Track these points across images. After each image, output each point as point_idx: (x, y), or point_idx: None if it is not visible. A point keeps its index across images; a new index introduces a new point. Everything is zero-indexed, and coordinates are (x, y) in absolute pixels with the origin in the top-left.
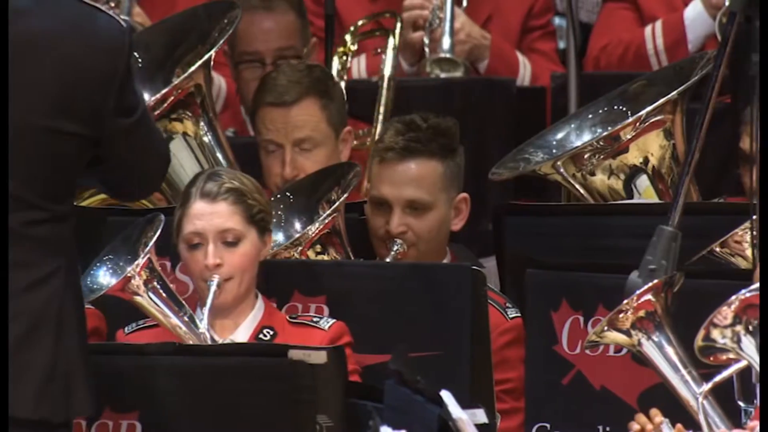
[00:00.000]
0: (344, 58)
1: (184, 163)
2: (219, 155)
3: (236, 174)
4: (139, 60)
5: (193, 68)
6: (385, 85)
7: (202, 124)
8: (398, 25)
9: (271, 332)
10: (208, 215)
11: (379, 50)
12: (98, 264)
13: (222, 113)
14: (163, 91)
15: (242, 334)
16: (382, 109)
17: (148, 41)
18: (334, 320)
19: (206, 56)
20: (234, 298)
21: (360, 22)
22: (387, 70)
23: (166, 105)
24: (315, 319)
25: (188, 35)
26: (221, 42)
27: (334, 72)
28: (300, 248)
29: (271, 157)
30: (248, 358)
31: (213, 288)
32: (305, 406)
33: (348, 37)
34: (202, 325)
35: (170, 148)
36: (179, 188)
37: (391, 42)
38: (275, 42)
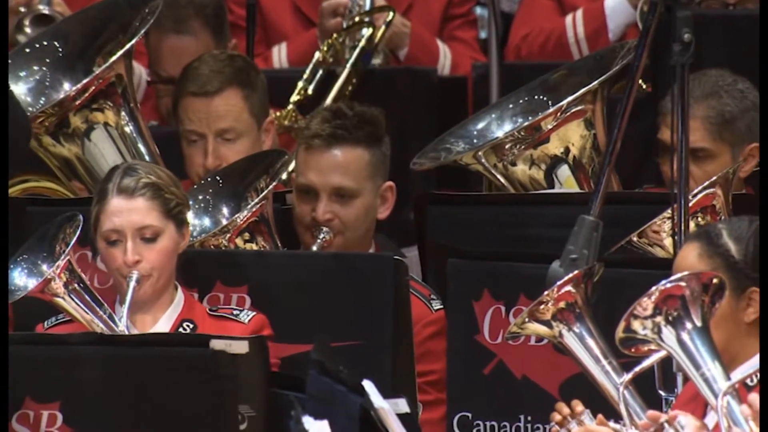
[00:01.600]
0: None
1: (105, 153)
2: (141, 146)
3: (153, 167)
4: (59, 50)
5: (114, 58)
6: (345, 74)
7: (123, 114)
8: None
9: (191, 325)
10: (126, 212)
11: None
12: (13, 264)
13: (144, 103)
14: (84, 81)
15: (162, 327)
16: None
17: (68, 31)
18: (254, 313)
19: (127, 46)
20: (153, 293)
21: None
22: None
23: (87, 95)
24: (235, 312)
25: (109, 25)
26: (142, 32)
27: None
28: (228, 236)
29: (193, 147)
30: (170, 348)
31: (132, 284)
32: (227, 396)
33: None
34: (122, 323)
35: (92, 138)
36: (100, 178)
37: (366, 32)
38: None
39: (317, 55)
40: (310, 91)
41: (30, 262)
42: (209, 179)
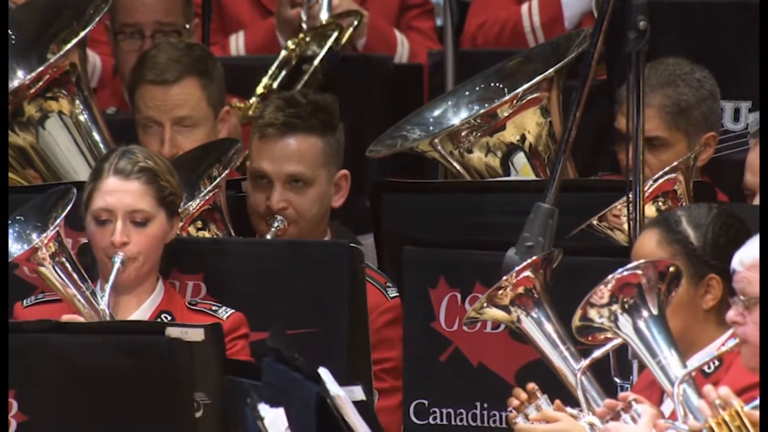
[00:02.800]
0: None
1: (59, 141)
2: (95, 134)
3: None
4: (13, 38)
5: (68, 46)
6: (316, 62)
7: (77, 102)
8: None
9: (170, 317)
10: (119, 192)
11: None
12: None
13: (101, 91)
14: (39, 70)
15: (140, 315)
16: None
17: (22, 19)
18: (233, 311)
19: (82, 34)
20: (136, 278)
21: None
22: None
23: (41, 83)
24: (214, 308)
25: (62, 12)
26: (97, 20)
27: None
28: (181, 224)
29: (150, 134)
30: (126, 335)
31: (117, 265)
32: (183, 384)
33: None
34: (103, 302)
35: (46, 126)
36: (55, 167)
37: (334, 34)
38: (155, 14)
39: (283, 52)
40: (275, 86)
41: (21, 228)
42: None
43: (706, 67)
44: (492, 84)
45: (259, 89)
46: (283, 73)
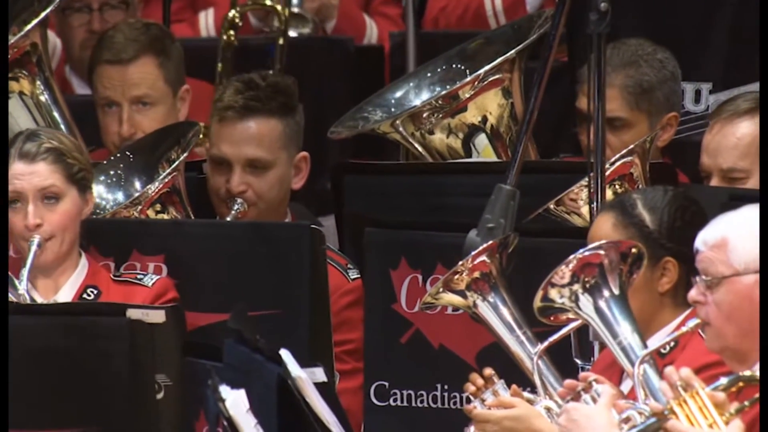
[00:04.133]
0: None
1: (20, 122)
2: (56, 114)
3: (55, 133)
4: None
5: (29, 27)
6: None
7: (38, 83)
8: None
9: (96, 291)
10: (27, 175)
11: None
12: None
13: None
14: None
15: (66, 293)
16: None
17: None
18: (158, 276)
19: (42, 15)
20: (55, 258)
21: None
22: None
23: None
24: (139, 276)
25: None
26: (57, 0)
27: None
28: (139, 207)
29: (109, 115)
30: (87, 317)
31: (34, 248)
32: (144, 366)
33: None
34: (21, 287)
35: (7, 107)
36: None
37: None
38: None
39: (224, 37)
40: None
41: None
42: (119, 154)
43: (668, 49)
44: (453, 65)
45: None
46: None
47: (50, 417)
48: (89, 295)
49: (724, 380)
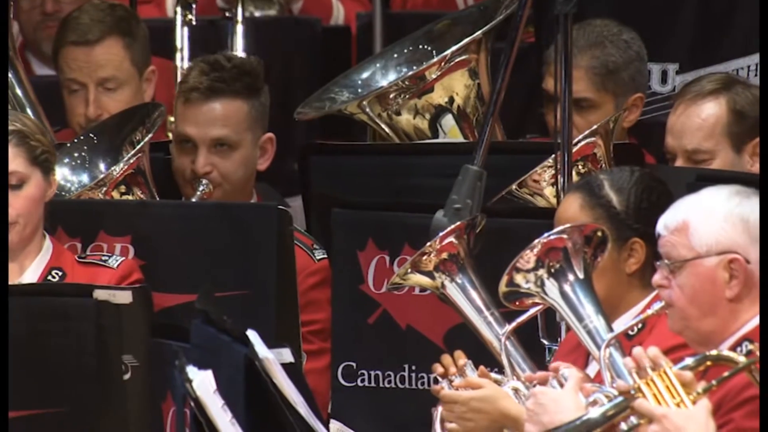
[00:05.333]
0: None
1: None
2: (18, 91)
3: (18, 115)
4: None
5: None
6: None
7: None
8: None
9: (60, 273)
10: None
11: None
12: None
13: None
14: None
15: (30, 276)
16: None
17: None
18: (123, 258)
19: None
20: (20, 241)
21: None
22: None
23: None
24: (104, 258)
25: None
26: None
27: None
28: (104, 189)
29: (74, 96)
30: (53, 298)
31: None
32: (110, 347)
33: None
34: None
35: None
36: None
37: None
38: None
39: (179, 19)
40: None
41: None
42: (83, 136)
43: (634, 29)
44: (420, 46)
45: None
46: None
47: (17, 398)
48: (54, 277)
49: (690, 360)
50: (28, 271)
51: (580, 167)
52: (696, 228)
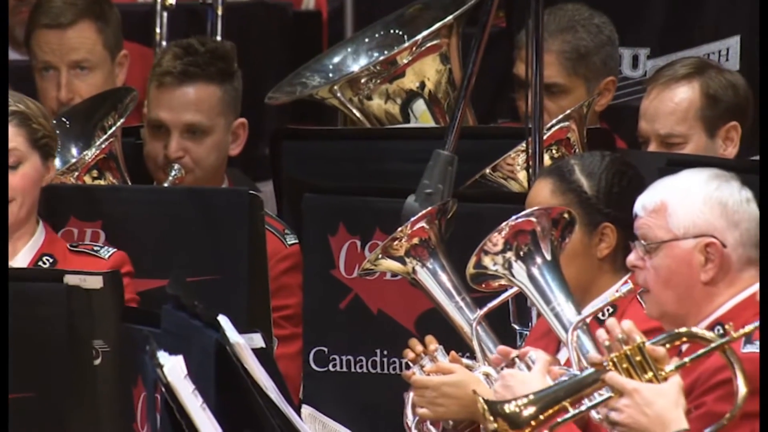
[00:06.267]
0: None
1: None
2: None
3: (22, 98)
4: None
5: None
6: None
7: None
8: None
9: (51, 260)
10: None
11: None
12: None
13: None
14: None
15: (21, 260)
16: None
17: None
18: (114, 250)
19: None
20: (14, 222)
21: None
22: None
23: None
24: (96, 248)
25: None
26: None
27: None
28: (76, 173)
29: (47, 80)
30: (24, 282)
31: None
32: (81, 331)
33: None
34: None
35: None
36: None
37: None
38: None
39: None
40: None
41: None
42: (55, 121)
43: (605, 14)
44: (391, 31)
45: None
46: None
47: None
48: (45, 263)
49: (663, 335)
50: (19, 255)
51: (553, 152)
52: (674, 210)
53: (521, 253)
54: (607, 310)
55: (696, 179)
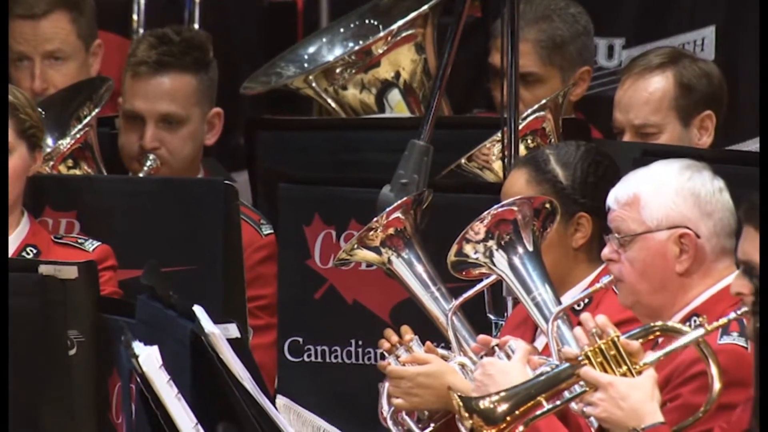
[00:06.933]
0: None
1: None
2: None
3: (11, 88)
4: None
5: None
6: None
7: None
8: None
9: (35, 250)
10: None
11: None
12: None
13: None
14: None
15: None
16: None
17: None
18: (99, 243)
19: None
20: None
21: None
22: None
23: None
24: (80, 241)
25: None
26: None
27: None
28: (51, 163)
29: (21, 70)
30: None
31: None
32: (56, 322)
33: None
34: None
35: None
36: None
37: None
38: None
39: None
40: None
41: None
42: None
43: (580, 4)
44: (367, 21)
45: None
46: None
47: None
48: (29, 254)
49: (638, 329)
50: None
51: (529, 141)
52: (647, 202)
53: (502, 242)
54: (583, 300)
55: (668, 171)
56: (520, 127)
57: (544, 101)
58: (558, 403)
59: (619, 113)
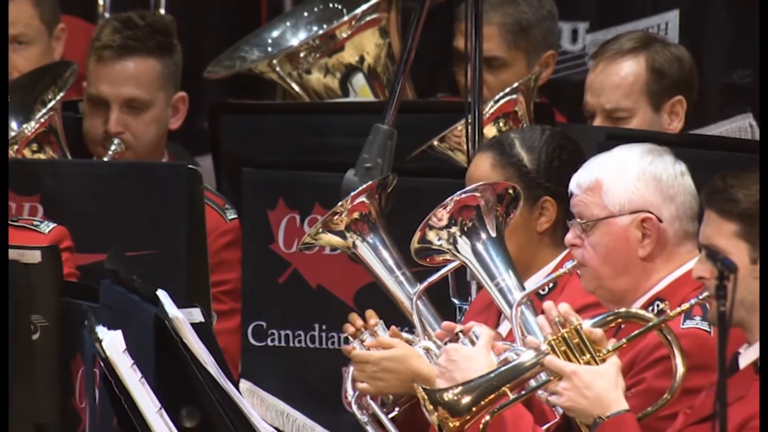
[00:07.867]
0: None
1: None
2: None
3: None
4: None
5: None
6: None
7: None
8: None
9: None
10: None
11: None
12: None
13: None
14: None
15: None
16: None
17: None
18: (54, 225)
19: None
20: None
21: None
22: None
23: None
24: (35, 223)
25: None
26: None
27: None
28: (16, 147)
29: None
30: None
31: None
32: (19, 306)
33: None
34: None
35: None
36: None
37: None
38: None
39: None
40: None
41: None
42: None
43: None
44: (330, 5)
45: None
46: None
47: None
48: None
49: (600, 317)
50: None
51: (501, 124)
52: (608, 187)
53: (466, 228)
54: (548, 285)
55: (629, 155)
56: (492, 110)
57: (516, 84)
58: (523, 393)
59: (591, 97)
